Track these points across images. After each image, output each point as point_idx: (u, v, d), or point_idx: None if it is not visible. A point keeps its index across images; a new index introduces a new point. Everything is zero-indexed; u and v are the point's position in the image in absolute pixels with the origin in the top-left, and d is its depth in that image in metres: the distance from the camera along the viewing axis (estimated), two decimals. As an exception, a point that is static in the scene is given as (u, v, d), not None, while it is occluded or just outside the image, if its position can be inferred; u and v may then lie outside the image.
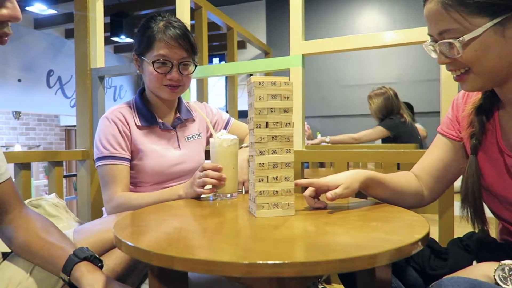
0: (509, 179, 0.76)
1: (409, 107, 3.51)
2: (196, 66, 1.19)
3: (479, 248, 0.83)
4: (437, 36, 0.72)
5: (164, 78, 1.14)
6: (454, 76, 0.74)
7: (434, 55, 0.76)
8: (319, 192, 0.83)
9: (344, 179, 0.81)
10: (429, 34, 0.74)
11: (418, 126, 3.34)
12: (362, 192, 0.88)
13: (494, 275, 0.63)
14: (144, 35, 1.14)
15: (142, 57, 1.16)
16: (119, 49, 6.01)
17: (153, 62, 1.12)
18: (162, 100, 1.21)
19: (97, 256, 0.76)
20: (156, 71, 1.13)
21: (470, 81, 0.72)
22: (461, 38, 0.67)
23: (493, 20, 0.65)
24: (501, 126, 0.79)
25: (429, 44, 0.75)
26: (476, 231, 0.84)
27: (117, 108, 1.20)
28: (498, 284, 0.62)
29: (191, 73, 1.19)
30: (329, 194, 0.78)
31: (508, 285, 0.62)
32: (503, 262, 0.64)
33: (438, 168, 0.89)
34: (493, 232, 0.92)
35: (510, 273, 0.62)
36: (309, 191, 0.82)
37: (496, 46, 0.66)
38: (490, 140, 0.80)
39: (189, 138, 1.26)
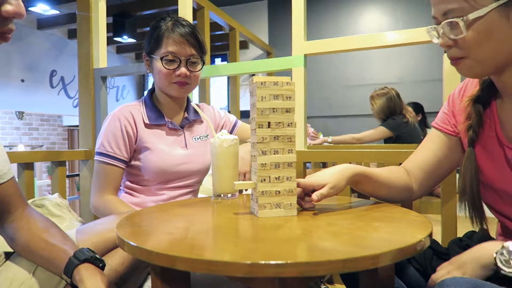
0: (509, 172, 0.75)
1: (419, 107, 3.49)
2: (204, 63, 1.22)
3: None
4: (441, 17, 0.71)
5: (173, 74, 1.16)
6: (452, 61, 0.73)
7: (436, 40, 0.74)
8: (306, 192, 0.81)
9: (330, 177, 0.78)
10: (433, 17, 0.73)
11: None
12: (351, 187, 0.87)
13: (495, 258, 0.62)
14: (153, 34, 1.18)
15: (152, 55, 1.19)
16: (122, 49, 6.02)
17: (162, 59, 1.15)
18: (172, 98, 1.23)
19: (98, 256, 0.75)
20: (165, 68, 1.15)
21: (467, 66, 0.70)
22: (465, 17, 0.66)
23: (498, 1, 0.64)
24: (499, 118, 0.78)
25: (432, 28, 0.74)
26: (475, 228, 0.84)
27: (127, 105, 1.22)
28: (500, 268, 0.62)
29: (199, 71, 1.21)
30: (314, 196, 0.76)
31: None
32: (505, 244, 0.63)
33: (430, 163, 0.88)
34: (493, 232, 0.91)
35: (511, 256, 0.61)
36: (297, 191, 0.80)
37: (500, 30, 0.65)
38: (488, 134, 0.79)
39: (196, 139, 1.27)
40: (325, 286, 1.62)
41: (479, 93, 0.80)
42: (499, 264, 0.62)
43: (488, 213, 0.83)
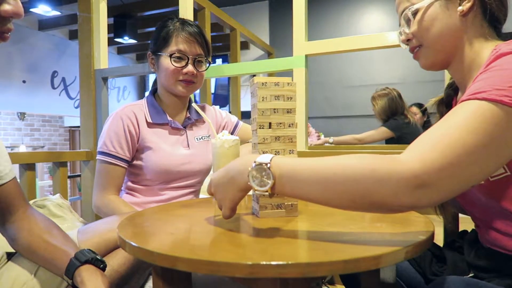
0: None
1: (422, 107, 3.48)
2: (209, 64, 1.23)
3: (469, 251, 0.81)
4: (402, 20, 0.80)
5: (180, 72, 1.17)
6: (413, 55, 0.81)
7: (403, 45, 0.83)
8: None
9: None
10: (400, 25, 0.82)
11: None
12: None
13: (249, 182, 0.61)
14: (161, 33, 1.19)
15: (159, 53, 1.19)
16: (123, 50, 6.03)
17: (170, 56, 1.16)
18: (176, 97, 1.24)
19: (99, 258, 0.75)
20: (173, 65, 1.16)
21: (423, 55, 0.79)
22: (412, 8, 0.76)
23: None
24: None
25: (399, 34, 0.82)
26: (440, 217, 0.90)
27: (129, 105, 1.22)
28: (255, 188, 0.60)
29: (204, 71, 1.22)
30: None
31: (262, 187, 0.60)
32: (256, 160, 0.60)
33: None
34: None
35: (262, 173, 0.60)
36: None
37: (441, 18, 0.74)
38: None
39: (198, 139, 1.27)
40: (326, 287, 1.62)
41: (443, 95, 0.88)
42: (252, 184, 0.60)
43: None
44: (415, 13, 0.76)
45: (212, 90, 5.42)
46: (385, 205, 0.54)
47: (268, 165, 0.59)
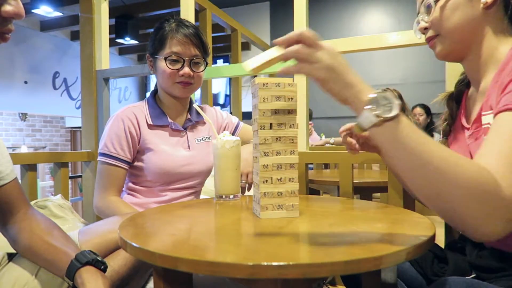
0: (468, 154, 0.78)
1: (427, 108, 3.48)
2: (207, 64, 1.23)
3: (471, 252, 0.81)
4: (422, 8, 0.80)
5: (177, 74, 1.17)
6: (429, 43, 0.81)
7: (419, 35, 0.83)
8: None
9: None
10: (417, 13, 0.82)
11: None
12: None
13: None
14: (157, 35, 1.19)
15: (155, 56, 1.19)
16: (124, 50, 6.04)
17: (166, 59, 1.16)
18: (175, 99, 1.24)
19: (100, 259, 0.75)
20: (168, 68, 1.16)
21: (440, 43, 0.78)
22: None
23: None
24: (465, 106, 0.85)
25: (416, 23, 0.82)
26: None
27: (130, 106, 1.23)
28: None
29: (202, 71, 1.22)
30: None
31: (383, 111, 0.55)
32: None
33: None
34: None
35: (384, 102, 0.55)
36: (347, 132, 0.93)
37: (463, 8, 0.73)
38: (457, 124, 0.86)
39: (199, 140, 1.27)
40: (327, 288, 1.62)
41: (453, 90, 0.89)
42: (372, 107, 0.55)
43: None
44: (437, 1, 0.75)
45: (228, 92, 5.48)
46: (469, 222, 0.53)
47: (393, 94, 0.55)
